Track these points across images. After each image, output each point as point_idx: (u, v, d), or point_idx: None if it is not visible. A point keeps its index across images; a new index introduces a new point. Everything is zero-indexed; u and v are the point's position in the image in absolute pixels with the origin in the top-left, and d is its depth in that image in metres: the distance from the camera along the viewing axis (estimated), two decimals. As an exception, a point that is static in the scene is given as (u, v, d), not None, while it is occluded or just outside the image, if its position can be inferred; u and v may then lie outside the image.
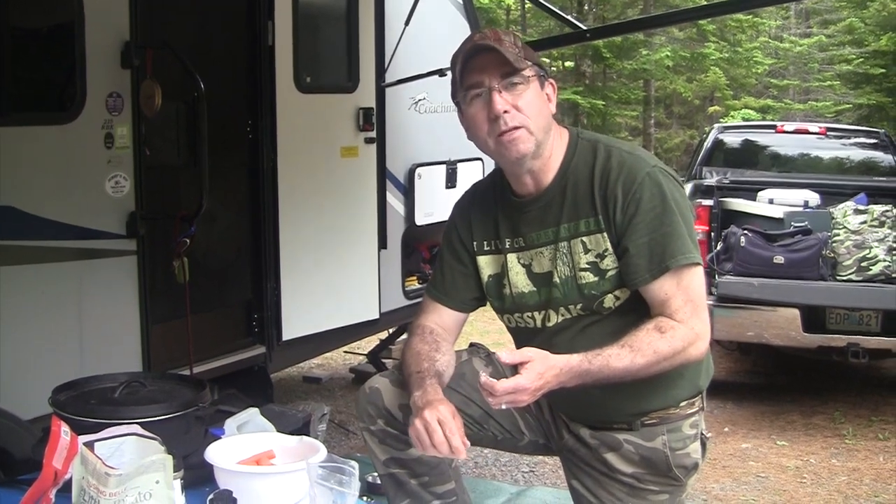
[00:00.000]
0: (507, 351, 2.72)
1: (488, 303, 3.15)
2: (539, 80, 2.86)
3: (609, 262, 2.84)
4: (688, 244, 2.81)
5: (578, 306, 2.89)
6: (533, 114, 2.82)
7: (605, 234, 2.84)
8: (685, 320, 2.78)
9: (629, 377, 2.75)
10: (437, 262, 3.22)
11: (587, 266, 2.86)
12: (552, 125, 2.92)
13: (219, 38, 5.74)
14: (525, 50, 2.86)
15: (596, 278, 2.85)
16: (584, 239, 2.87)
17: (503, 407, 2.70)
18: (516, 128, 2.80)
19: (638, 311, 2.85)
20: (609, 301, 2.87)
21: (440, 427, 2.60)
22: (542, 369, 2.65)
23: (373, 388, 3.05)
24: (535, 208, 2.95)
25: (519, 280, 2.99)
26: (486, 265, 3.07)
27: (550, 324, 2.95)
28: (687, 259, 2.79)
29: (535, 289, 2.97)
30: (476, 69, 2.82)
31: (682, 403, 3.01)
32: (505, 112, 2.78)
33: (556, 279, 2.90)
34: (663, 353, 2.73)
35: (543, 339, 2.85)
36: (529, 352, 2.68)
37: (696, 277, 2.83)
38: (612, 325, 2.85)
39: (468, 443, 2.66)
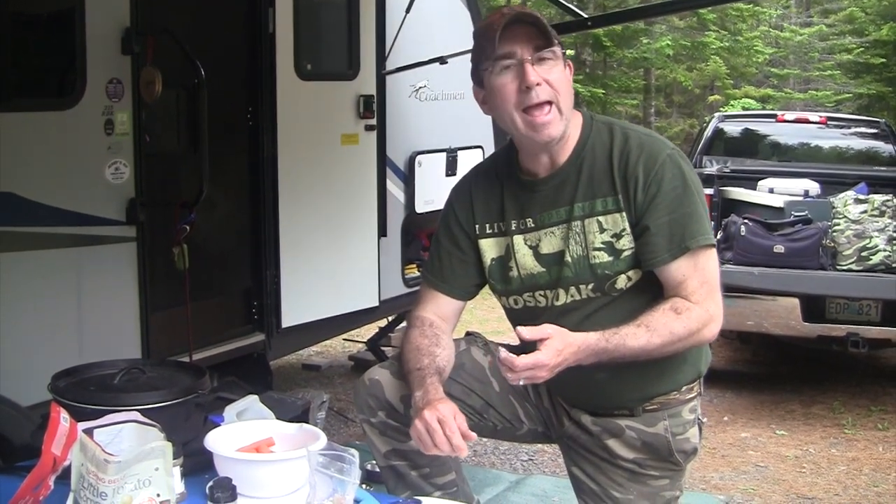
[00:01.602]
0: (526, 328, 2.71)
1: (488, 287, 3.14)
2: (563, 59, 2.85)
3: (625, 243, 2.84)
4: (706, 226, 2.83)
5: (590, 286, 2.89)
6: (562, 91, 2.82)
7: (624, 214, 2.84)
8: (700, 302, 2.79)
9: (644, 356, 2.76)
10: (434, 248, 3.18)
11: (602, 246, 2.86)
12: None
13: (219, 25, 5.73)
14: (551, 29, 2.85)
15: (610, 258, 2.85)
16: (601, 218, 2.86)
17: (521, 383, 2.72)
18: (548, 103, 2.79)
19: (647, 293, 2.85)
20: (621, 282, 2.87)
21: (440, 427, 2.60)
22: (562, 346, 2.65)
23: (373, 379, 3.04)
24: (547, 188, 2.94)
25: (526, 261, 2.98)
26: (489, 248, 3.05)
27: (559, 303, 2.94)
28: (706, 240, 2.81)
29: (544, 269, 2.95)
30: (509, 40, 2.78)
31: (683, 388, 3.02)
32: (538, 84, 2.77)
33: (568, 258, 2.89)
34: (678, 333, 2.75)
35: (549, 319, 2.83)
36: (549, 328, 2.68)
37: (711, 259, 2.85)
38: (621, 308, 2.85)
39: (474, 435, 2.66)
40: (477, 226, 3.07)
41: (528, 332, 2.68)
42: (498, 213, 3.04)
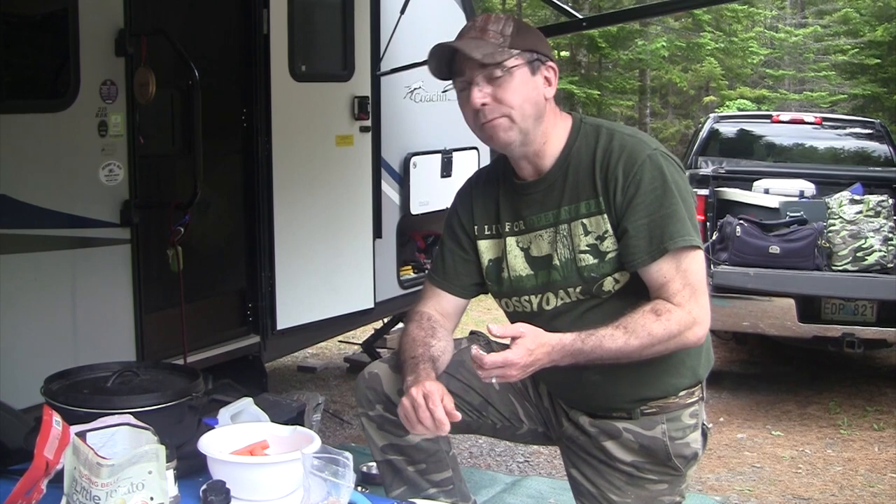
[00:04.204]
0: (498, 324, 2.71)
1: (488, 288, 3.15)
2: (529, 66, 2.85)
3: (609, 245, 2.84)
4: (687, 227, 2.80)
5: (578, 289, 2.89)
6: (516, 103, 2.82)
7: (606, 216, 2.84)
8: (683, 304, 2.77)
9: (624, 358, 2.74)
10: (438, 247, 3.22)
11: (587, 248, 2.86)
12: (546, 111, 2.90)
13: (213, 26, 5.73)
14: (519, 34, 2.85)
15: (595, 260, 2.85)
16: (585, 221, 2.87)
17: (493, 381, 2.70)
18: (496, 118, 2.81)
19: (638, 294, 2.84)
20: (609, 284, 2.86)
21: (425, 402, 2.60)
22: (533, 346, 2.65)
23: (372, 373, 3.05)
24: (536, 191, 2.96)
25: (517, 264, 2.99)
26: (487, 250, 3.07)
27: (549, 307, 2.95)
28: (686, 241, 2.78)
29: (532, 272, 2.97)
30: (458, 61, 2.84)
31: (682, 393, 3.01)
32: (483, 105, 2.80)
33: (556, 262, 2.90)
34: (658, 335, 2.73)
35: (542, 322, 2.84)
36: (522, 327, 2.68)
37: (695, 261, 2.82)
38: (611, 310, 2.84)
39: (458, 415, 2.65)
40: (476, 227, 3.09)
41: (499, 330, 2.69)
42: (494, 215, 3.07)
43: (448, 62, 2.88)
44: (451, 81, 2.93)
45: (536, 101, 2.88)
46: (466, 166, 6.87)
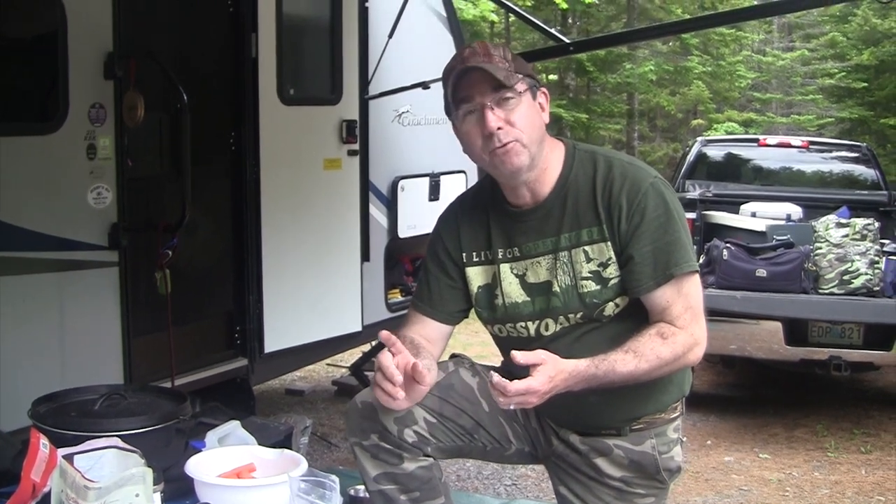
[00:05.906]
0: (521, 353, 2.72)
1: (474, 313, 3.15)
2: (531, 92, 2.87)
3: (612, 271, 2.87)
4: (689, 253, 2.86)
5: (579, 315, 2.91)
6: (526, 127, 2.84)
7: (609, 244, 2.87)
8: (685, 326, 2.83)
9: (631, 381, 2.79)
10: (422, 274, 3.20)
11: (589, 275, 2.88)
12: (545, 136, 2.93)
13: (202, 50, 5.74)
14: (516, 62, 2.87)
15: (598, 287, 2.87)
16: (587, 248, 2.89)
17: (511, 408, 2.75)
18: (510, 142, 2.81)
19: (635, 317, 2.89)
20: (609, 309, 2.89)
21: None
22: (553, 373, 2.67)
23: (365, 402, 3.02)
24: (533, 218, 2.97)
25: (512, 290, 3.00)
26: (476, 276, 3.06)
27: (548, 332, 2.96)
28: (689, 267, 2.85)
29: (528, 298, 2.97)
30: (467, 86, 2.83)
31: (668, 408, 3.04)
32: (499, 129, 2.80)
33: (556, 288, 2.92)
34: (665, 358, 2.78)
35: (538, 346, 2.85)
36: (542, 354, 2.69)
37: (695, 285, 2.89)
38: (609, 332, 2.88)
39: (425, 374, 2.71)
40: (464, 254, 3.09)
41: (523, 358, 2.69)
42: (485, 241, 3.06)
43: (451, 90, 2.88)
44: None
45: (540, 126, 2.90)
46: (454, 190, 6.87)
